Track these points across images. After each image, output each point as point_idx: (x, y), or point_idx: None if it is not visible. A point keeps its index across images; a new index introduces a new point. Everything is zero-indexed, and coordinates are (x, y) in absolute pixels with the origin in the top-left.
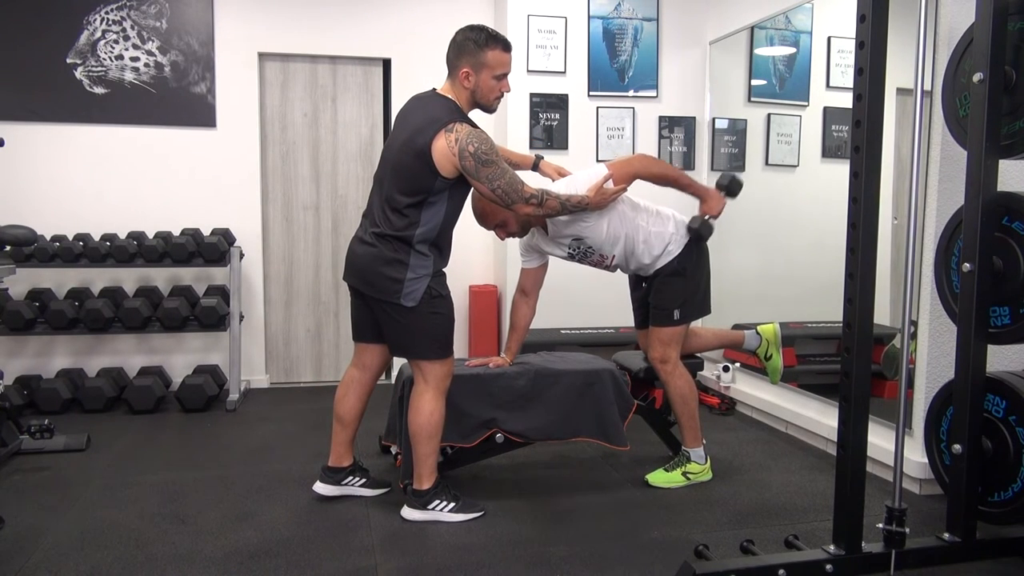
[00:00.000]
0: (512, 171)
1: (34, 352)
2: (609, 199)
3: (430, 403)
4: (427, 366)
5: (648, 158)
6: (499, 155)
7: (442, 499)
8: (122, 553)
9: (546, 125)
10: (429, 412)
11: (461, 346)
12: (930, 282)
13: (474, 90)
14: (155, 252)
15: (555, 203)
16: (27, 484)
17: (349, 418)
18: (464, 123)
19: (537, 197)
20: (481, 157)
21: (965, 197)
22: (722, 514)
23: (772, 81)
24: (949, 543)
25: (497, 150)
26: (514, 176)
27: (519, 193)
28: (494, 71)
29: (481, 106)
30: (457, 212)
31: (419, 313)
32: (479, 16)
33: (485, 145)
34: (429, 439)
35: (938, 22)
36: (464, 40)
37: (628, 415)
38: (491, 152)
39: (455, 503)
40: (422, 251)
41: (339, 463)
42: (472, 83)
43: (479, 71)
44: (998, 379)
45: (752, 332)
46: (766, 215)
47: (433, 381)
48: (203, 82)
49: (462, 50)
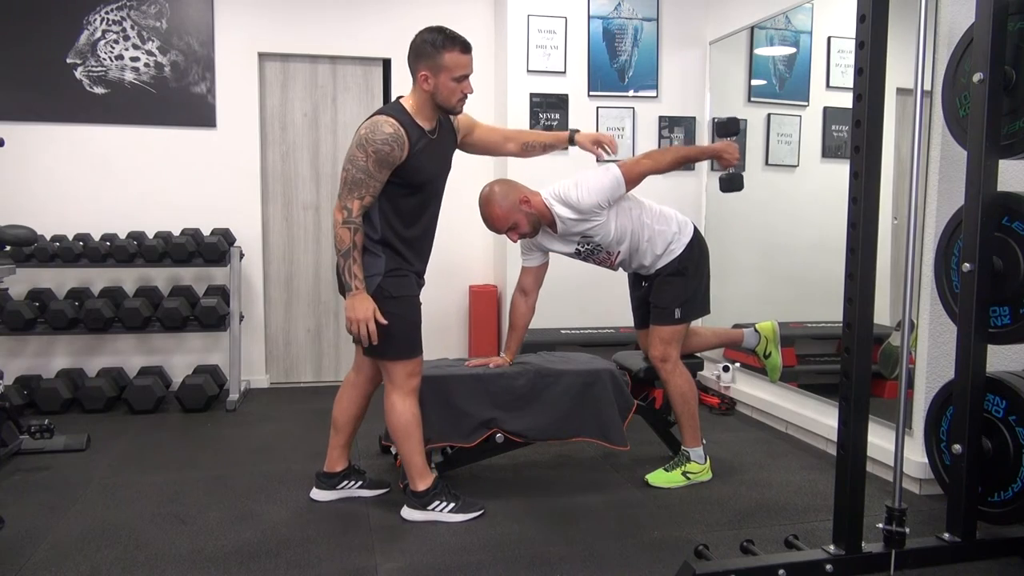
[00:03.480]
0: (371, 181)
1: (34, 352)
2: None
3: (397, 404)
4: (389, 366)
5: (655, 154)
6: (382, 160)
7: (442, 500)
8: (122, 553)
9: (546, 125)
10: (398, 413)
11: (461, 346)
12: (930, 282)
13: (434, 92)
14: (155, 252)
15: (347, 237)
16: (27, 484)
17: (342, 421)
18: (383, 115)
19: (347, 219)
20: (360, 141)
21: (965, 197)
22: (722, 514)
23: (772, 81)
24: (949, 543)
25: (391, 159)
26: (364, 183)
27: (345, 196)
28: (452, 73)
29: (444, 108)
30: (400, 209)
31: (388, 313)
32: (479, 16)
33: (378, 139)
34: (405, 439)
35: (938, 22)
36: (421, 43)
37: (628, 415)
38: (371, 145)
39: (455, 503)
40: (373, 251)
41: (333, 468)
42: (431, 86)
43: (437, 74)
44: (998, 379)
45: (751, 330)
46: (766, 215)
47: (397, 381)
48: (203, 82)
49: (420, 54)
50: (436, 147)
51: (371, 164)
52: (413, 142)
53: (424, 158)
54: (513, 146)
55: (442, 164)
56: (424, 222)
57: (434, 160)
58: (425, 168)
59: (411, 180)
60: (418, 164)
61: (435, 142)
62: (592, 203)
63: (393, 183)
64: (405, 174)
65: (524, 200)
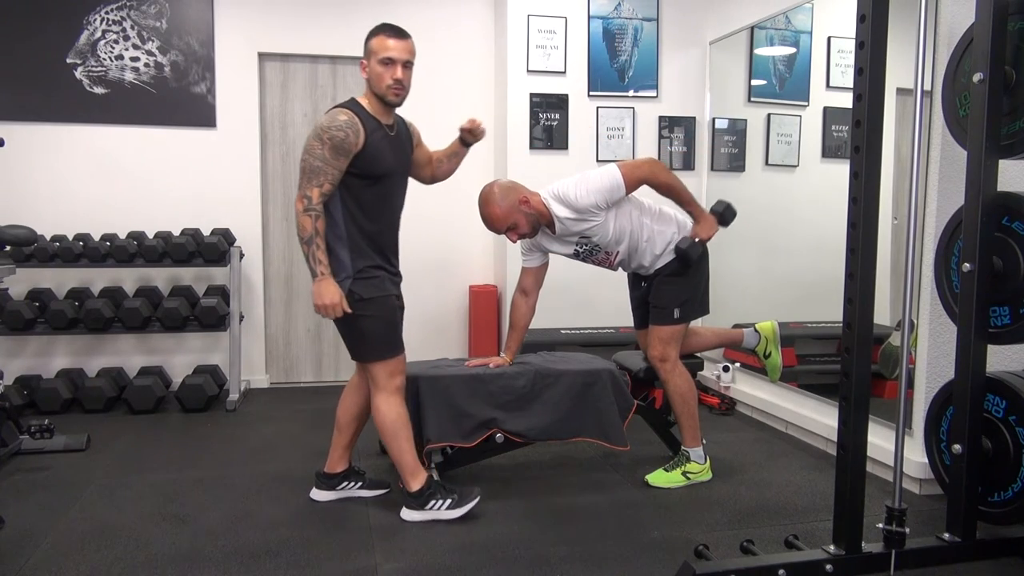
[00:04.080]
0: (329, 168)
1: (34, 352)
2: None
3: (382, 405)
4: (369, 368)
5: (658, 165)
6: (338, 145)
7: (438, 497)
8: (122, 553)
9: (546, 125)
10: (383, 413)
11: (461, 346)
12: (930, 282)
13: (369, 79)
14: (155, 252)
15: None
16: (27, 484)
17: (343, 422)
18: (338, 107)
19: (308, 207)
20: (317, 130)
21: (965, 197)
22: (722, 514)
23: (772, 81)
24: (949, 543)
25: (346, 144)
26: (322, 170)
27: (304, 185)
28: (377, 55)
29: (378, 96)
30: (362, 202)
31: (350, 315)
32: (479, 16)
33: (334, 126)
34: (392, 439)
35: (938, 22)
36: (367, 35)
37: (628, 415)
38: (327, 133)
39: (451, 499)
40: (339, 255)
41: (333, 468)
42: (367, 73)
43: (369, 60)
44: (998, 379)
45: (751, 330)
46: (766, 215)
47: (379, 382)
48: (203, 82)
49: (364, 44)
50: (395, 143)
51: (328, 151)
52: (369, 131)
53: (383, 148)
54: (428, 169)
55: (402, 160)
56: (387, 216)
57: (394, 153)
58: (384, 158)
59: (370, 170)
60: (376, 153)
61: (393, 138)
62: (590, 203)
63: (352, 174)
64: (363, 163)
65: (524, 200)
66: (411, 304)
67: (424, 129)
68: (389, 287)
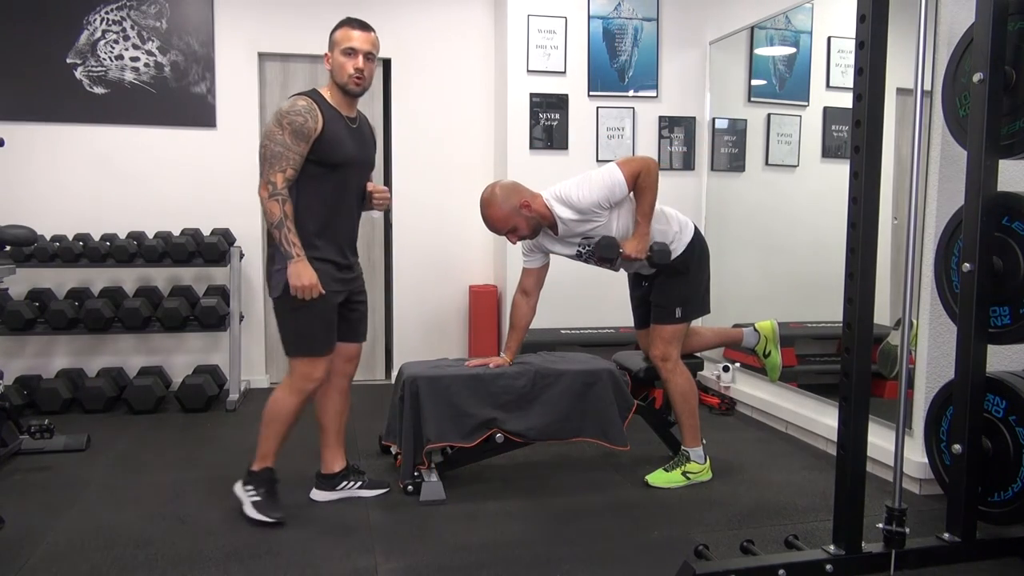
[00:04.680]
0: (290, 153)
1: (34, 352)
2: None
3: (281, 394)
4: (290, 361)
5: (653, 167)
6: (297, 130)
7: (253, 488)
8: (122, 553)
9: (546, 125)
10: (276, 400)
11: (461, 346)
12: (930, 282)
13: (332, 71)
14: (155, 252)
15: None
16: (27, 484)
17: (323, 420)
18: (300, 95)
19: (273, 192)
20: (277, 117)
21: (965, 197)
22: (722, 514)
23: (772, 81)
24: (949, 543)
25: (305, 129)
26: (283, 155)
27: (267, 171)
28: (340, 46)
29: (341, 87)
30: (317, 191)
31: (281, 305)
32: (479, 16)
33: (292, 111)
34: (268, 424)
35: (938, 22)
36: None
37: (628, 415)
38: (286, 118)
39: (260, 498)
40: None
41: (331, 468)
42: (330, 64)
43: (332, 51)
44: (998, 379)
45: (750, 329)
46: (766, 215)
47: (292, 376)
48: (203, 82)
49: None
50: (356, 134)
51: (288, 137)
52: (327, 118)
53: (342, 136)
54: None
55: (363, 151)
56: (344, 207)
57: (354, 143)
58: (344, 145)
59: (328, 157)
60: (335, 139)
61: (355, 130)
62: (593, 203)
63: (311, 162)
64: (322, 150)
65: (524, 204)
66: (411, 304)
67: (424, 129)
68: (330, 283)
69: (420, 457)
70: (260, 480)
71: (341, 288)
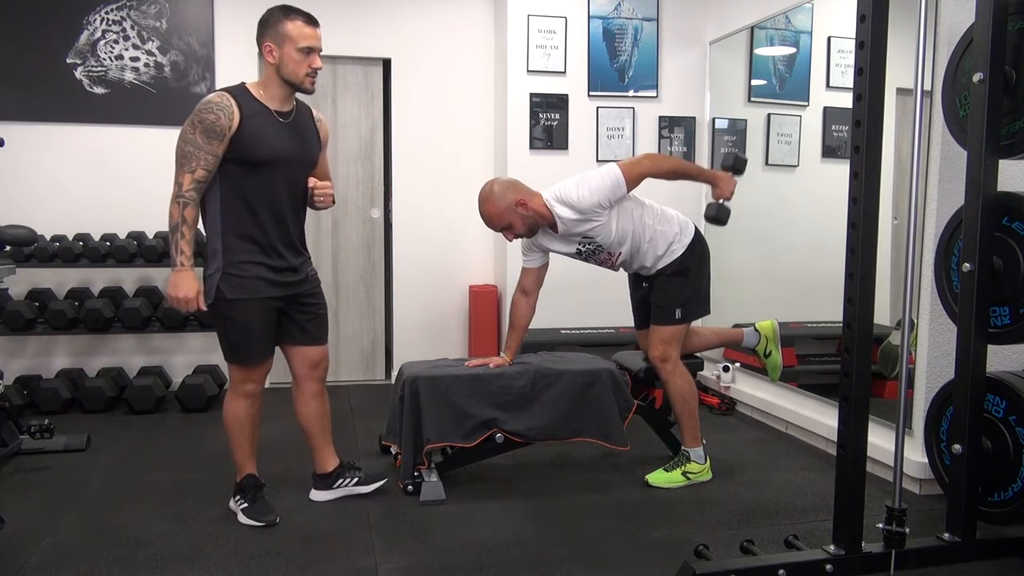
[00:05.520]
0: (200, 153)
1: (34, 352)
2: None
3: (227, 403)
4: (228, 366)
5: (656, 156)
6: (209, 128)
7: (241, 497)
8: (122, 553)
9: (546, 125)
10: (226, 411)
11: (461, 346)
12: (930, 282)
13: (278, 65)
14: (155, 252)
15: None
16: (27, 484)
17: (305, 426)
18: (221, 91)
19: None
20: (193, 112)
21: (965, 197)
22: (722, 514)
23: (772, 81)
24: (949, 543)
25: (217, 127)
26: (193, 155)
27: (176, 171)
28: (296, 43)
29: (290, 83)
30: (240, 191)
31: (214, 312)
32: (479, 16)
33: (204, 108)
34: (230, 435)
35: (938, 22)
36: (267, 16)
37: (628, 415)
38: (197, 116)
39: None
40: (213, 245)
41: (324, 468)
42: (276, 58)
43: (282, 44)
44: (998, 379)
45: (751, 330)
46: (766, 215)
47: (232, 381)
48: (203, 82)
49: (265, 26)
50: (287, 130)
51: (198, 135)
52: (246, 114)
53: (265, 131)
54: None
55: (295, 147)
56: (270, 208)
57: (282, 139)
58: (264, 143)
59: (247, 155)
60: (253, 137)
61: (286, 125)
62: (592, 203)
63: (230, 160)
64: (240, 147)
65: (521, 202)
66: (411, 304)
67: (424, 129)
68: (263, 288)
69: (420, 457)
70: (244, 488)
71: (279, 292)
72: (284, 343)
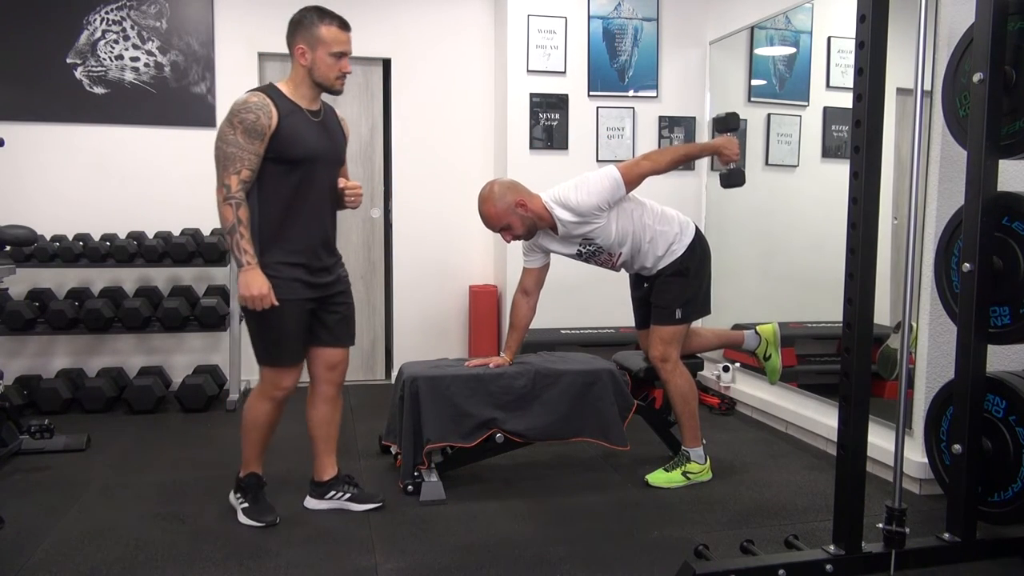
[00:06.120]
0: (244, 153)
1: (34, 352)
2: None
3: (253, 400)
4: (259, 368)
5: (653, 155)
6: (250, 128)
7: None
8: (122, 553)
9: (546, 125)
10: (249, 407)
11: (461, 346)
12: (930, 282)
13: (311, 68)
14: (155, 252)
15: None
16: (27, 484)
17: (310, 430)
18: (252, 91)
19: (227, 195)
20: (228, 116)
21: (965, 197)
22: (722, 514)
23: (772, 81)
24: (949, 543)
25: (258, 126)
26: (237, 156)
27: (221, 174)
28: (330, 48)
29: (322, 86)
30: (278, 192)
31: (247, 312)
32: (479, 16)
33: (243, 108)
34: (245, 432)
35: (938, 22)
36: (300, 18)
37: (628, 415)
38: (236, 116)
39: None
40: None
41: (320, 476)
42: (308, 60)
43: (315, 48)
44: (998, 379)
45: (751, 332)
46: (766, 215)
47: (262, 383)
48: (203, 82)
49: (297, 27)
50: (319, 128)
51: (240, 136)
52: (283, 113)
53: (301, 130)
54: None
55: (327, 146)
56: (309, 208)
57: (316, 137)
58: (302, 140)
59: (286, 153)
60: (292, 135)
61: (317, 124)
62: (592, 205)
63: (269, 160)
64: (279, 146)
65: (520, 203)
66: (411, 304)
67: (424, 129)
68: (299, 290)
69: (420, 457)
70: (246, 486)
71: (314, 294)
72: (307, 343)
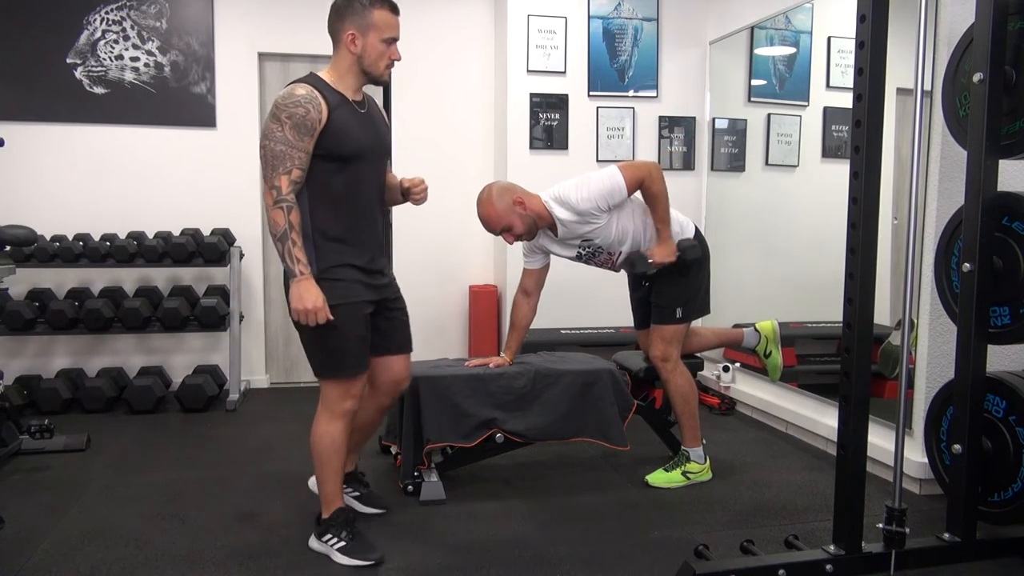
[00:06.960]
0: (294, 151)
1: (34, 352)
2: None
3: (321, 425)
4: (322, 384)
5: (656, 171)
6: (299, 123)
7: (334, 535)
8: (122, 553)
9: (546, 125)
10: (318, 435)
11: (461, 346)
12: (930, 282)
13: (361, 55)
14: (155, 252)
15: (280, 218)
16: (27, 484)
17: (355, 424)
18: (297, 82)
19: (278, 198)
20: (273, 111)
21: (965, 197)
22: (722, 514)
23: (772, 81)
24: (949, 543)
25: (308, 121)
26: (286, 154)
27: (270, 175)
28: (382, 33)
29: (370, 74)
30: (330, 190)
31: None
32: (479, 16)
33: (291, 102)
34: (321, 464)
35: (938, 22)
36: (348, 1)
37: (628, 415)
38: (284, 112)
39: (346, 542)
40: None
41: None
42: (359, 47)
43: (366, 33)
44: (998, 379)
45: (751, 330)
46: (766, 215)
47: (328, 401)
48: (203, 82)
49: (344, 12)
50: (367, 120)
51: (288, 132)
52: (332, 105)
53: (351, 123)
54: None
55: (376, 139)
56: (363, 205)
57: (365, 130)
58: (353, 135)
59: (337, 150)
60: (343, 128)
61: (364, 115)
62: (592, 205)
63: (318, 157)
64: (329, 142)
65: (519, 202)
66: (411, 304)
67: (424, 129)
68: (360, 292)
69: (420, 457)
70: (337, 525)
71: (373, 297)
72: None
